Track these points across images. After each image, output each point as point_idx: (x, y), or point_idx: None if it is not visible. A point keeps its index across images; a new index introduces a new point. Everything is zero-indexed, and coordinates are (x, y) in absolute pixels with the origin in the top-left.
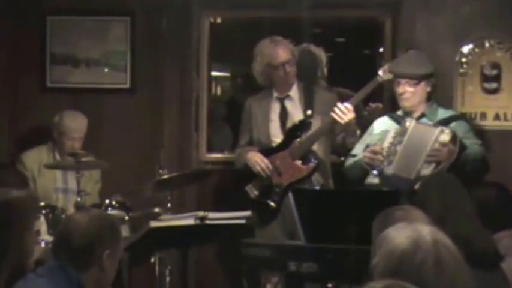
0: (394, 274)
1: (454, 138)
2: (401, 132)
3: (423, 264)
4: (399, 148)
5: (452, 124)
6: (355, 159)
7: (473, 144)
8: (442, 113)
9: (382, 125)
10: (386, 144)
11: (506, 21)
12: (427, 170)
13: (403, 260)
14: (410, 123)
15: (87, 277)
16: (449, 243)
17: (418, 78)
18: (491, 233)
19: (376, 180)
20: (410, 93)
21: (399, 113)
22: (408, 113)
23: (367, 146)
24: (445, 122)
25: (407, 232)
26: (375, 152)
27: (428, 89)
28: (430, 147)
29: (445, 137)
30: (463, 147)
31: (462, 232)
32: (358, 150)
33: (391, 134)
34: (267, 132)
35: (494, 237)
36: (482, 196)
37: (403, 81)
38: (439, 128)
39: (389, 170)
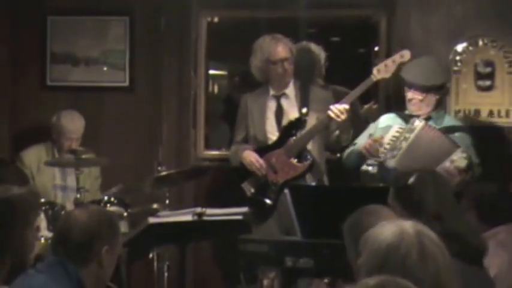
0: (381, 268)
1: (469, 166)
2: (409, 130)
3: (408, 255)
4: (404, 144)
5: (456, 134)
6: (354, 147)
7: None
8: (448, 121)
9: (388, 120)
10: (388, 137)
11: (499, 19)
12: None
13: (389, 254)
14: (419, 122)
15: (86, 273)
16: (431, 233)
17: (426, 91)
18: (488, 227)
19: (374, 170)
20: (419, 100)
21: (407, 112)
22: (414, 115)
23: (370, 135)
24: (450, 130)
25: (391, 228)
26: (374, 141)
27: (438, 96)
28: (443, 165)
29: (462, 162)
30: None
31: (457, 229)
32: (361, 140)
33: (395, 128)
34: (263, 130)
35: (491, 232)
36: (479, 191)
37: (412, 88)
38: (460, 149)
39: (391, 163)
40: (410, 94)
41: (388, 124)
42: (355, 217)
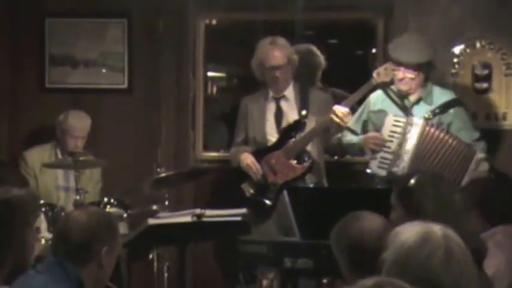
0: (403, 265)
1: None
2: (410, 131)
3: (432, 255)
4: (409, 149)
5: (451, 111)
6: (355, 141)
7: (470, 141)
8: (438, 95)
9: (378, 101)
10: (386, 132)
11: (497, 21)
12: None
13: (412, 252)
14: (418, 122)
15: (85, 273)
16: (458, 238)
17: (418, 68)
18: (491, 226)
19: (383, 173)
20: (410, 78)
21: (393, 87)
22: (404, 95)
23: (365, 122)
24: (445, 108)
25: (418, 228)
26: (377, 141)
27: (427, 73)
28: (469, 174)
29: (485, 166)
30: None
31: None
32: (356, 127)
33: (391, 121)
34: (262, 131)
35: (489, 232)
36: (483, 189)
37: (403, 67)
38: (477, 154)
39: (399, 170)
40: (401, 74)
41: (380, 108)
42: (340, 225)
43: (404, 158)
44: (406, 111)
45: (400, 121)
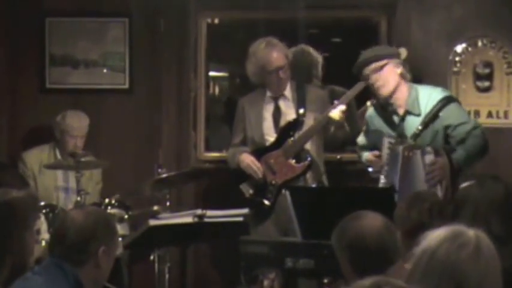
0: (432, 254)
1: (436, 151)
2: (395, 158)
3: (462, 247)
4: (397, 174)
5: (441, 114)
6: (362, 159)
7: (464, 134)
8: (425, 100)
9: (374, 121)
10: (384, 155)
11: (498, 20)
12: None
13: (443, 243)
14: (399, 150)
15: (83, 273)
16: (490, 242)
17: (373, 60)
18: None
19: None
20: (379, 80)
21: (382, 101)
22: (387, 102)
23: (369, 138)
24: (434, 115)
25: (450, 227)
26: (375, 168)
27: (398, 70)
28: (424, 176)
29: (429, 156)
30: (449, 151)
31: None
32: (362, 140)
33: (386, 143)
34: (260, 131)
35: None
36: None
37: (367, 71)
38: (419, 151)
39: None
40: (370, 80)
41: (376, 128)
42: (341, 224)
43: (396, 183)
44: (396, 129)
45: (392, 143)
